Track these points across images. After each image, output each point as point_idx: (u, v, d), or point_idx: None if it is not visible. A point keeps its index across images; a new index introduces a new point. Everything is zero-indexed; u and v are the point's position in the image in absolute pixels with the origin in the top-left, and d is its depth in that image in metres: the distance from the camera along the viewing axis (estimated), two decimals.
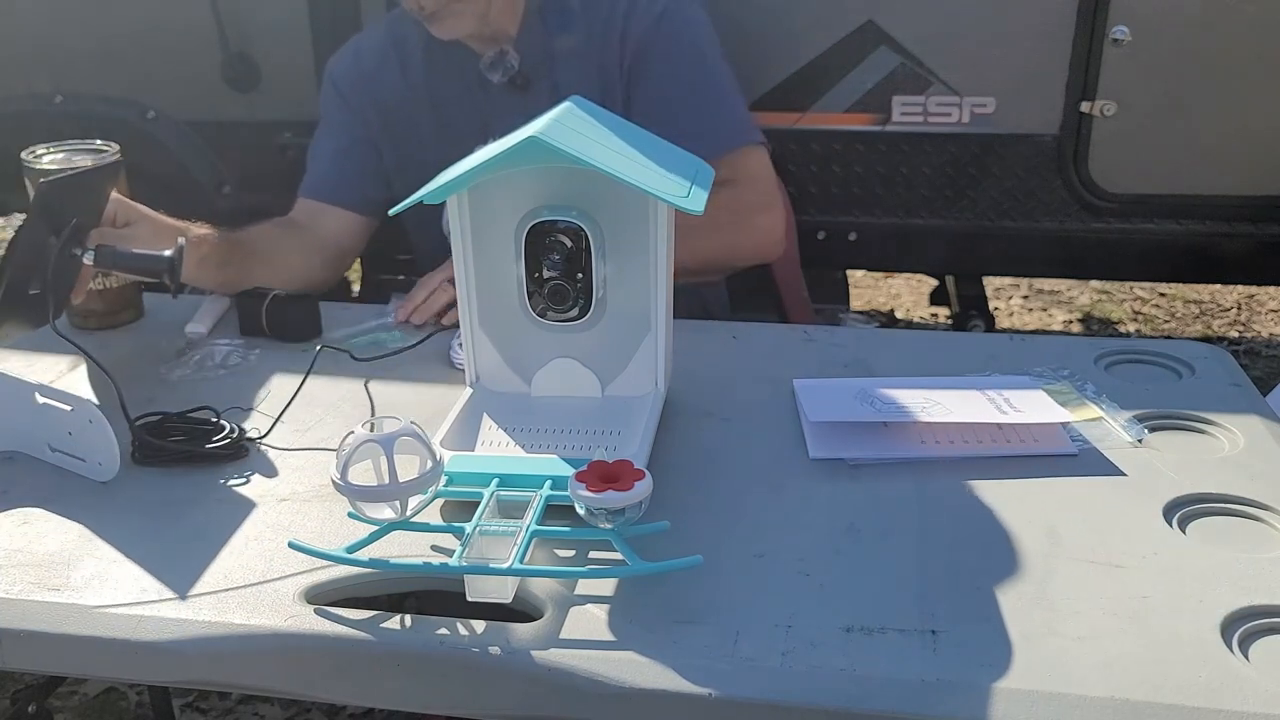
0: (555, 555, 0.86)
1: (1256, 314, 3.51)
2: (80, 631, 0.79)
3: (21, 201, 1.29)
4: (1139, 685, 0.70)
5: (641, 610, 0.78)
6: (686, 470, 0.98)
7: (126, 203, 1.25)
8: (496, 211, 1.02)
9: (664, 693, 0.71)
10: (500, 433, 1.01)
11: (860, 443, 1.01)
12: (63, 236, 1.10)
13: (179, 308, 1.31)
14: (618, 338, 1.05)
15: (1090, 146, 2.10)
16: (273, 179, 2.22)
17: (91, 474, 0.98)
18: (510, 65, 1.50)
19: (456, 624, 0.77)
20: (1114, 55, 2.03)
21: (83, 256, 1.14)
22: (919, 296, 3.48)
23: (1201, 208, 2.14)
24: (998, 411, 1.03)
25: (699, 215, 1.00)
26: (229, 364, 1.22)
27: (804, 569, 0.83)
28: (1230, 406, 1.07)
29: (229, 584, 0.83)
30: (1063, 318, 3.50)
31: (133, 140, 1.38)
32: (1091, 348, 1.21)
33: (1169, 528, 0.88)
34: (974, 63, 2.08)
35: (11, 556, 0.87)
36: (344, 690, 0.79)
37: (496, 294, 1.05)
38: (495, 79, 1.50)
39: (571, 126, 0.97)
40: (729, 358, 1.20)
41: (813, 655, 0.73)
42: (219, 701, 1.92)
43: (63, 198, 1.11)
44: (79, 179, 1.14)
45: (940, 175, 2.16)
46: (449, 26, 1.45)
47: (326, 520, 0.91)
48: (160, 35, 2.24)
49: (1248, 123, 2.07)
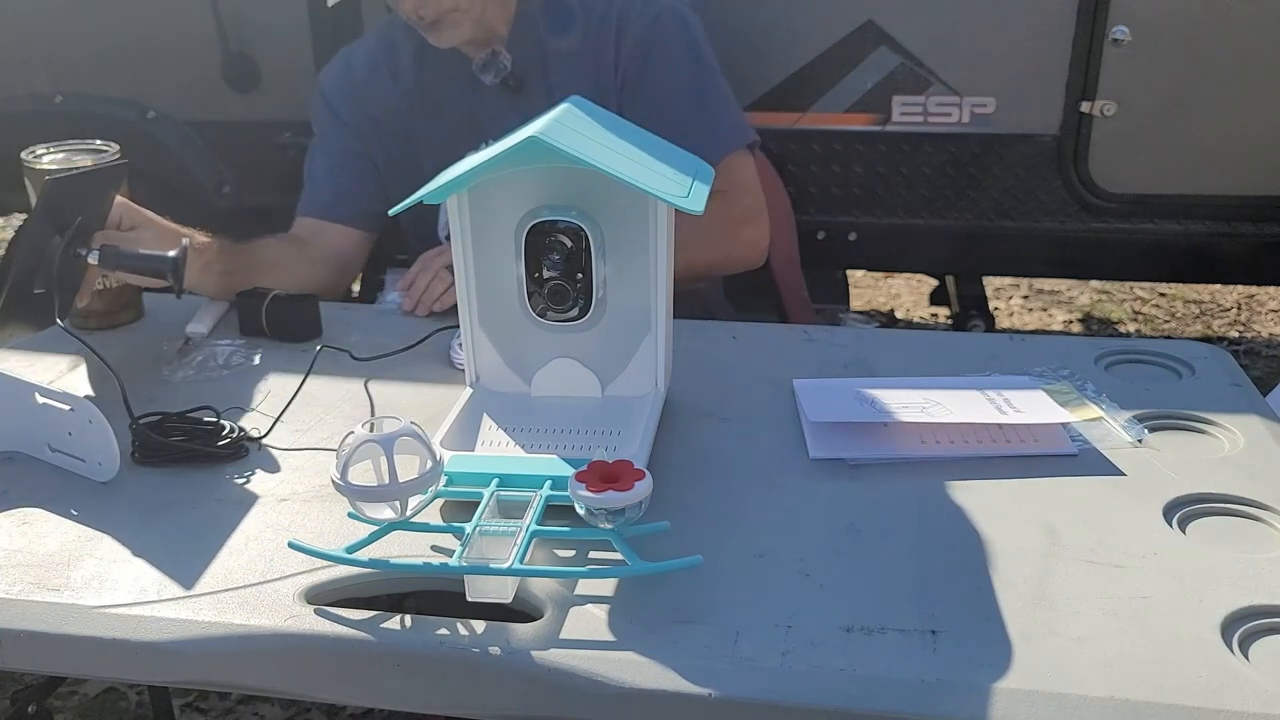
0: (555, 555, 0.86)
1: (1256, 314, 3.51)
2: (80, 631, 0.79)
3: (21, 201, 1.29)
4: (1139, 685, 0.70)
5: (641, 610, 0.78)
6: (686, 470, 0.98)
7: (132, 207, 1.25)
8: (496, 211, 1.02)
9: (664, 693, 0.71)
10: (500, 433, 1.01)
11: (860, 443, 1.01)
12: (66, 236, 1.10)
13: (179, 308, 1.30)
14: (618, 338, 1.05)
15: (1090, 146, 2.10)
16: (273, 179, 2.22)
17: (91, 474, 0.98)
18: (503, 66, 1.49)
19: (456, 624, 0.77)
20: (1114, 55, 2.03)
21: (87, 257, 1.14)
22: (919, 296, 3.48)
23: (1201, 208, 2.14)
24: (997, 412, 1.03)
25: (690, 225, 1.00)
26: (231, 364, 1.22)
27: (804, 569, 0.83)
28: (1230, 406, 1.07)
29: (229, 584, 0.83)
30: (1063, 318, 3.50)
31: (133, 140, 1.38)
32: (1091, 348, 1.21)
33: (1169, 528, 0.88)
34: (974, 63, 2.08)
35: (11, 556, 0.87)
36: (344, 690, 0.79)
37: (496, 294, 1.05)
38: (488, 80, 1.50)
39: (571, 126, 0.97)
40: (729, 358, 1.20)
41: (813, 655, 0.73)
42: (219, 701, 1.92)
43: (68, 196, 1.11)
44: (85, 178, 1.14)
45: (940, 175, 2.16)
46: (447, 36, 1.45)
47: (326, 520, 0.91)
48: (160, 35, 2.25)
49: (1248, 123, 2.07)
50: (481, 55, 1.50)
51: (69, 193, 1.11)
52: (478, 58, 1.50)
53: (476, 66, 1.50)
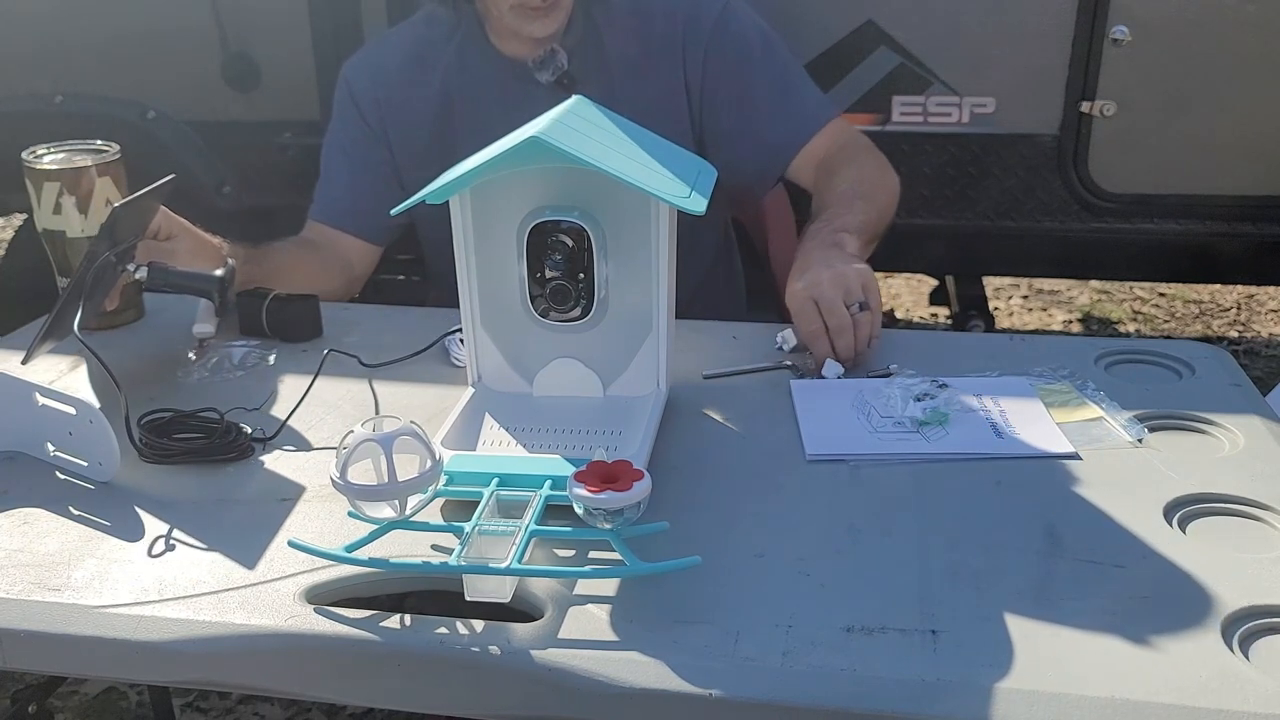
0: (555, 555, 0.86)
1: (1256, 314, 3.51)
2: (80, 631, 0.79)
3: (21, 201, 1.29)
4: (1139, 685, 0.70)
5: (641, 610, 0.78)
6: (686, 470, 0.98)
7: (171, 216, 1.25)
8: (499, 211, 1.02)
9: (664, 693, 0.71)
10: (502, 432, 1.01)
11: (860, 442, 1.01)
12: (116, 253, 1.12)
13: (179, 308, 1.31)
14: (619, 338, 1.05)
15: (1090, 146, 2.10)
16: (273, 179, 2.23)
17: (92, 474, 0.98)
18: (560, 65, 1.47)
19: (456, 624, 0.77)
20: (1114, 55, 2.03)
21: (135, 274, 1.16)
22: (919, 296, 3.48)
23: (1201, 208, 2.14)
24: (995, 436, 1.02)
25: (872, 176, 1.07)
26: (246, 365, 1.22)
27: (804, 569, 0.83)
28: (1230, 406, 1.07)
29: (229, 584, 0.83)
30: (1063, 318, 3.50)
31: (133, 140, 1.38)
32: (1091, 348, 1.21)
33: (1169, 528, 0.88)
34: (974, 63, 2.08)
35: (11, 556, 0.87)
36: (344, 690, 0.79)
37: (498, 294, 1.05)
38: (544, 79, 1.47)
39: (573, 126, 0.97)
40: (729, 358, 1.20)
41: (813, 655, 0.73)
42: (219, 701, 1.92)
43: (129, 218, 1.13)
44: (143, 200, 1.15)
45: (940, 175, 2.16)
46: (552, 20, 1.43)
47: (327, 520, 0.91)
48: (160, 35, 2.24)
49: (1248, 123, 2.07)
50: (539, 53, 1.47)
51: (130, 215, 1.13)
52: (535, 55, 1.47)
53: (533, 64, 1.47)
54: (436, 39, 1.53)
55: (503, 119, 1.54)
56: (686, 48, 1.49)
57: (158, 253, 1.22)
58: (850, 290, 1.14)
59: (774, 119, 1.49)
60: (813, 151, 1.50)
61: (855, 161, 1.47)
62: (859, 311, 1.14)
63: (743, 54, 1.50)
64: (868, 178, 1.44)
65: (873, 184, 1.43)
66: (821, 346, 1.14)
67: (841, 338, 1.14)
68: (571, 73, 1.47)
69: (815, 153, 1.50)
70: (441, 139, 1.52)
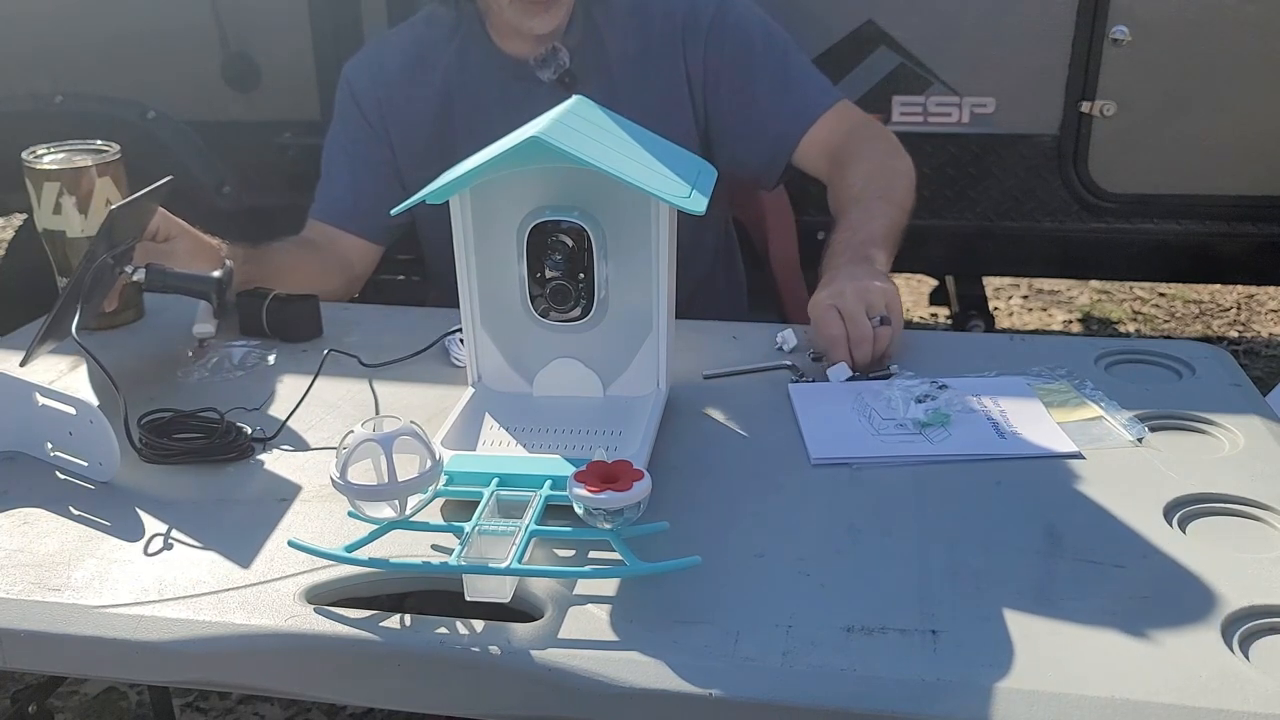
0: (555, 555, 0.86)
1: (1256, 314, 3.51)
2: (80, 631, 0.79)
3: (21, 201, 1.29)
4: (1139, 685, 0.70)
5: (641, 610, 0.78)
6: (686, 470, 0.98)
7: (169, 217, 1.26)
8: (499, 211, 1.02)
9: (664, 693, 0.71)
10: (502, 432, 1.01)
11: (864, 445, 1.01)
12: (114, 255, 1.12)
13: (179, 308, 1.31)
14: (620, 338, 1.05)
15: (1090, 146, 2.11)
16: (273, 179, 2.23)
17: (92, 474, 0.98)
18: (562, 63, 1.47)
19: (456, 624, 0.77)
20: (1114, 55, 2.04)
21: (132, 275, 1.16)
22: (919, 296, 3.47)
23: (1201, 208, 2.14)
24: (998, 436, 1.02)
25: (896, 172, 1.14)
26: (246, 365, 1.22)
27: (804, 569, 0.83)
28: (1230, 406, 1.07)
29: (229, 584, 0.83)
30: (1063, 318, 3.50)
31: (133, 140, 1.38)
32: (1091, 348, 1.21)
33: (1169, 528, 0.88)
34: (974, 63, 2.08)
35: (11, 556, 0.87)
36: (344, 690, 0.79)
37: (498, 294, 1.05)
38: (545, 77, 1.47)
39: (573, 126, 0.97)
40: (729, 358, 1.20)
41: (813, 655, 0.73)
42: (219, 701, 1.92)
43: (126, 220, 1.13)
44: (142, 201, 1.15)
45: (940, 175, 2.16)
46: (552, 16, 1.43)
47: (327, 520, 0.91)
48: (160, 35, 2.25)
49: (1248, 123, 2.07)
50: (541, 51, 1.47)
51: (128, 217, 1.13)
52: (536, 54, 1.47)
53: (535, 63, 1.47)
54: (437, 39, 1.53)
55: (503, 119, 1.54)
56: (686, 43, 1.49)
57: (156, 254, 1.22)
58: (873, 304, 1.16)
59: (777, 108, 1.48)
60: (819, 138, 1.49)
61: (866, 153, 1.45)
62: (879, 325, 1.14)
63: (743, 46, 1.50)
64: (881, 170, 1.43)
65: (888, 177, 1.42)
66: (839, 352, 1.15)
67: (860, 348, 1.14)
68: (573, 71, 1.47)
69: (822, 139, 1.49)
70: (442, 139, 1.52)
